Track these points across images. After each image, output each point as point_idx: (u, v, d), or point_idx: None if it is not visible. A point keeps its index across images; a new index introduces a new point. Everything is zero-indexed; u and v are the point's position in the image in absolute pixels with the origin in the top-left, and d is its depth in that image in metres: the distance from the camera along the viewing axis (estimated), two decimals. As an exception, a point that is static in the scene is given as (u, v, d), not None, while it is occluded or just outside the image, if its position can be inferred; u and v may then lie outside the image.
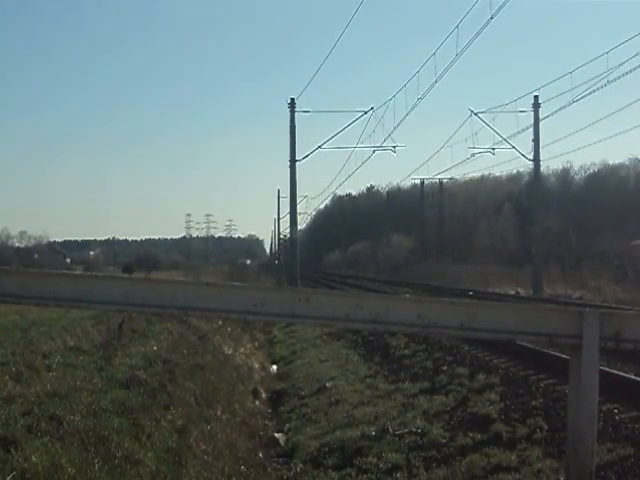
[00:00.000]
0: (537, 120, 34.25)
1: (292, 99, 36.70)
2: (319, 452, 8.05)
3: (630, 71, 25.62)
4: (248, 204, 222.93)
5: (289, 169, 37.00)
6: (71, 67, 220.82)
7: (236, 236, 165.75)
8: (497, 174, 69.48)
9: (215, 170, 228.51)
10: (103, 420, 6.97)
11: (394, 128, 33.80)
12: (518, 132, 34.99)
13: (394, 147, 35.84)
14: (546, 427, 7.19)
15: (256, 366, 15.21)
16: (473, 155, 38.46)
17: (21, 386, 7.79)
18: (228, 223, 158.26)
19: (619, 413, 7.58)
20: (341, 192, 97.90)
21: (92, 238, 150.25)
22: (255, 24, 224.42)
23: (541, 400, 8.39)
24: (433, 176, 56.79)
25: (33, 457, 5.49)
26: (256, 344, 18.92)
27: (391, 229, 76.95)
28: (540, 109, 34.10)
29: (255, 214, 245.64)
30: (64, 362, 9.51)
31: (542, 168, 38.98)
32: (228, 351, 15.16)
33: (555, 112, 36.38)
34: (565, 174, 72.32)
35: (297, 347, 17.54)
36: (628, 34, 48.61)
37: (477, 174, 67.56)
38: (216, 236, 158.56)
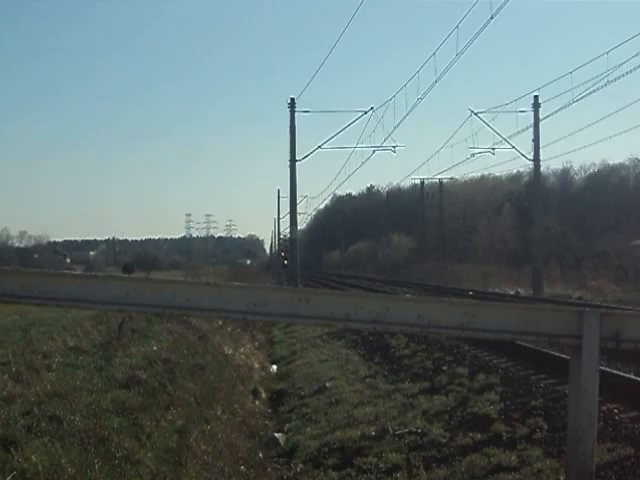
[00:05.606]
0: (537, 120, 34.29)
1: (292, 99, 36.75)
2: (319, 452, 8.05)
3: (630, 71, 25.69)
4: (248, 204, 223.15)
5: (289, 169, 37.03)
6: (71, 67, 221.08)
7: (236, 236, 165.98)
8: (497, 174, 69.59)
9: (215, 170, 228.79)
10: (103, 420, 6.96)
11: (394, 128, 33.92)
12: (518, 132, 35.10)
13: (394, 147, 35.95)
14: (546, 427, 7.18)
15: (256, 366, 15.21)
16: (473, 155, 38.58)
17: (21, 386, 7.78)
18: (228, 223, 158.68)
19: (619, 413, 7.57)
20: (341, 192, 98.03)
21: (92, 238, 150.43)
22: (255, 24, 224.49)
23: (541, 400, 8.39)
24: (433, 176, 57.01)
25: (33, 457, 5.48)
26: (256, 344, 18.91)
27: (391, 229, 76.92)
28: (540, 109, 34.20)
29: (255, 214, 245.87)
30: (64, 362, 9.50)
31: (542, 168, 39.09)
32: (228, 351, 15.16)
33: (555, 112, 36.57)
34: (565, 174, 72.21)
35: (297, 347, 17.54)
36: (628, 34, 48.70)
37: (477, 174, 67.69)
38: (216, 236, 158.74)
